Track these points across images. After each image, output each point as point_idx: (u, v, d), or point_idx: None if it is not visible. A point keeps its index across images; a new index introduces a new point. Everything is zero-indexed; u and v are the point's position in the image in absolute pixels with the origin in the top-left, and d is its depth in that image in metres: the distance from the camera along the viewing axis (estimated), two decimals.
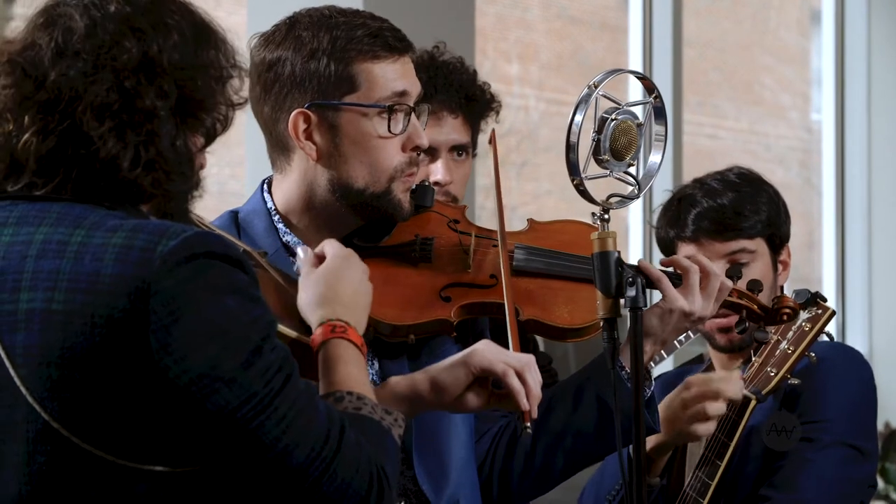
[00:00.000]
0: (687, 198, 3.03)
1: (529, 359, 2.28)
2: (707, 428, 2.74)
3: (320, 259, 2.22)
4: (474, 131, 3.17)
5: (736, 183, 3.04)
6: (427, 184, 2.59)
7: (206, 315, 1.84)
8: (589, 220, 2.60)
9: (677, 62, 5.58)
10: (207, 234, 1.90)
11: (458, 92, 3.11)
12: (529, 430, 2.24)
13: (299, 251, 2.23)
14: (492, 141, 2.63)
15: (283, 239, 2.50)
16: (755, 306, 2.71)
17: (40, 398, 1.85)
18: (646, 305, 2.42)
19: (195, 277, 1.84)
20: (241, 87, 2.02)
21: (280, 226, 2.51)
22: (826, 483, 2.82)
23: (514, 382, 2.24)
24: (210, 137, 2.01)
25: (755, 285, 2.72)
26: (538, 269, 2.55)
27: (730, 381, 2.75)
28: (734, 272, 2.68)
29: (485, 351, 2.27)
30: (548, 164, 7.85)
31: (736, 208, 2.98)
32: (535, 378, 2.26)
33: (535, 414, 2.26)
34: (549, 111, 8.14)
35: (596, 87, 2.39)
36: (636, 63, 5.71)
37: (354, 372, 2.03)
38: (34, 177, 1.92)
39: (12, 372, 1.86)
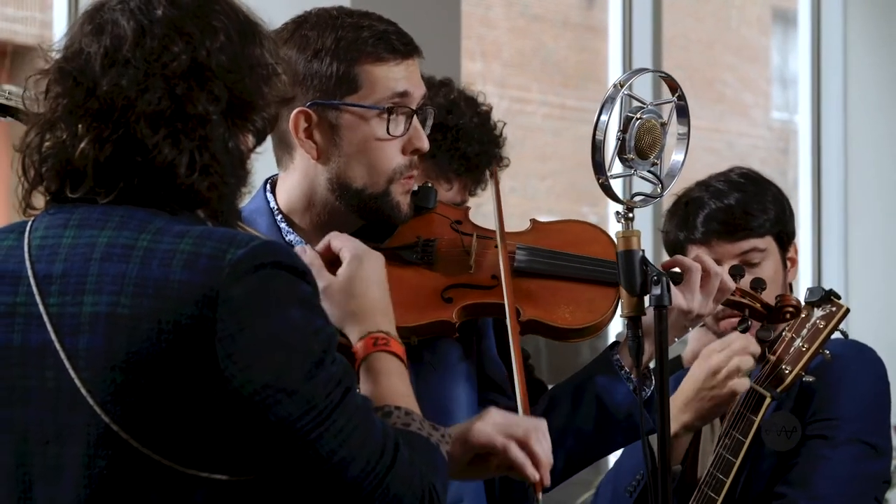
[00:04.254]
0: (694, 200, 3.02)
1: (536, 424, 2.19)
2: (743, 383, 2.75)
3: (325, 256, 2.21)
4: (476, 185, 3.18)
5: (740, 183, 3.04)
6: (430, 185, 2.59)
7: (273, 326, 1.84)
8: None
9: (657, 62, 5.61)
10: (274, 243, 1.89)
11: (461, 158, 3.11)
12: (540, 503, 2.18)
13: (297, 250, 2.20)
14: (493, 175, 2.63)
15: (286, 238, 2.49)
16: (758, 305, 2.73)
17: (102, 402, 1.84)
18: (671, 303, 2.43)
19: (262, 287, 1.84)
20: (287, 83, 2.02)
21: (283, 225, 2.50)
22: (840, 480, 2.83)
23: (518, 455, 2.16)
24: (261, 136, 2.01)
25: (759, 283, 2.73)
26: (540, 269, 2.54)
27: (747, 338, 2.77)
28: (737, 271, 2.68)
29: (485, 424, 2.18)
30: (511, 162, 7.86)
31: (744, 207, 2.99)
32: (542, 445, 2.17)
33: (547, 482, 2.17)
34: (511, 109, 8.16)
35: (622, 86, 2.39)
36: (616, 62, 5.72)
37: (399, 386, 2.03)
38: (95, 186, 1.91)
39: (73, 374, 1.85)
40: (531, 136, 8.29)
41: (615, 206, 2.45)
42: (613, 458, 4.87)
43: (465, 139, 3.12)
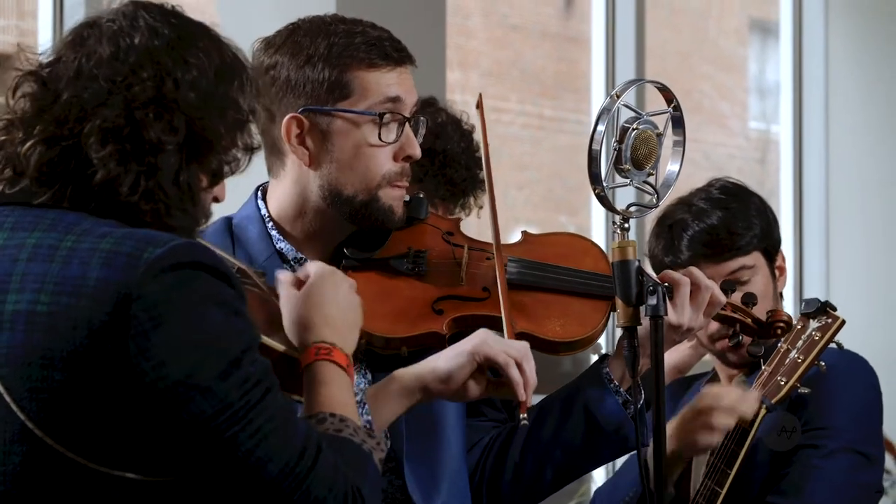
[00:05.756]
0: (677, 223, 2.97)
1: (526, 347, 2.34)
2: (711, 439, 2.74)
3: (302, 282, 2.20)
4: (457, 208, 3.18)
5: (722, 199, 2.99)
6: (421, 196, 2.58)
7: (187, 323, 1.85)
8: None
9: (640, 73, 5.62)
10: (196, 244, 1.91)
11: (447, 184, 3.11)
12: (526, 422, 2.29)
13: (278, 275, 2.20)
14: (479, 106, 2.62)
15: (277, 246, 2.49)
16: (749, 320, 2.72)
17: (19, 399, 1.85)
18: (667, 313, 2.43)
19: (179, 286, 1.86)
20: (258, 132, 2.04)
21: (273, 233, 2.50)
22: (834, 489, 2.82)
23: (515, 373, 2.30)
24: (216, 178, 2.01)
25: (750, 298, 2.72)
26: (531, 282, 2.54)
27: (745, 399, 2.74)
28: (728, 286, 2.67)
29: (487, 340, 2.33)
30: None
31: (728, 227, 2.95)
32: (531, 367, 2.32)
33: (530, 402, 2.31)
34: (489, 119, 8.16)
35: (618, 97, 2.40)
36: (599, 73, 5.73)
37: (338, 394, 2.04)
38: (34, 185, 1.94)
39: None
40: (509, 146, 8.30)
41: (599, 217, 2.46)
42: (599, 470, 4.88)
43: (452, 165, 3.12)
